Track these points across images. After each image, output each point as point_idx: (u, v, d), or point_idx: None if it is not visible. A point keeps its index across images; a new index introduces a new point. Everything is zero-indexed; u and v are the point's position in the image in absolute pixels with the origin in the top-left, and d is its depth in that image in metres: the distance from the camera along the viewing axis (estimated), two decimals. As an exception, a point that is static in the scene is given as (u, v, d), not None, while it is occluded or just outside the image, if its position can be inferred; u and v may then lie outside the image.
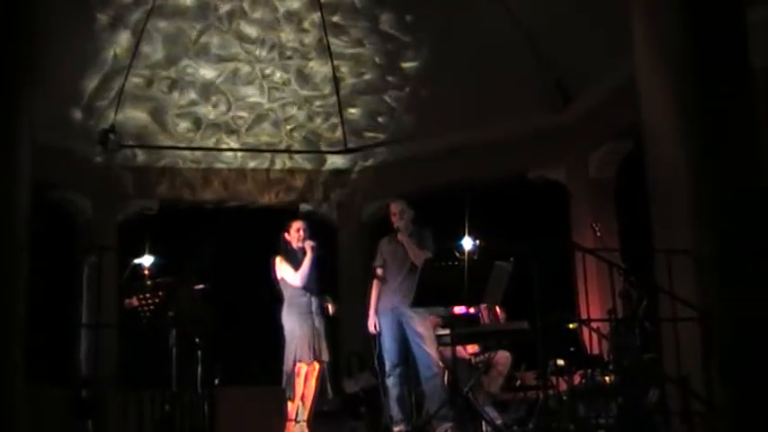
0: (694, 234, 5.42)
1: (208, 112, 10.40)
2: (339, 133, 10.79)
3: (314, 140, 10.93)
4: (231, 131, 10.61)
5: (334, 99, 10.53)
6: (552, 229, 9.53)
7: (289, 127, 10.74)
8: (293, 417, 6.61)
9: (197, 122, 10.44)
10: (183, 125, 10.42)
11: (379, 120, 10.73)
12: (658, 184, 5.90)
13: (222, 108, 10.41)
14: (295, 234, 6.95)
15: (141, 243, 7.50)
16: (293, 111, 10.62)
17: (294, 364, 6.65)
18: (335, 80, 10.37)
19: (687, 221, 5.50)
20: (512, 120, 9.75)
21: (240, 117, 10.56)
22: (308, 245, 6.82)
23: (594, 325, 5.70)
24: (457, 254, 7.52)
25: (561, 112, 9.42)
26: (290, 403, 6.64)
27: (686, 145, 5.59)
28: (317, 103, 10.60)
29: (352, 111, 10.70)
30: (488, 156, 9.97)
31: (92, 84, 9.77)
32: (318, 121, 10.75)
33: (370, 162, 11.03)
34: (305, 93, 10.50)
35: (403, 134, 10.63)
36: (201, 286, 6.25)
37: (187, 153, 10.62)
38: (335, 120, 10.72)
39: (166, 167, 10.66)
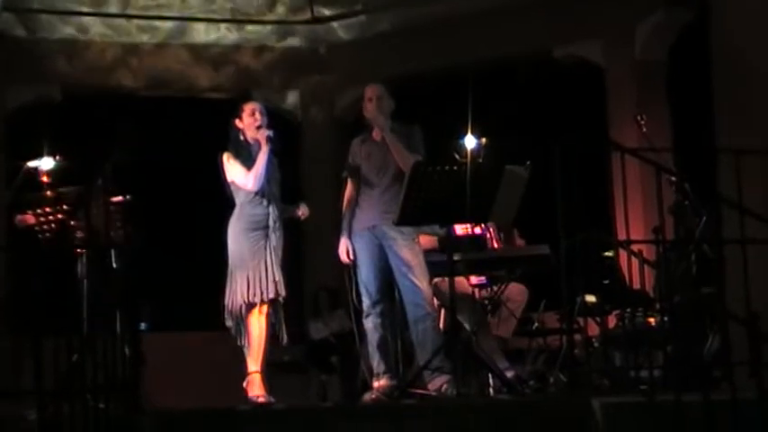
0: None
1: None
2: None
3: (271, 6, 10.80)
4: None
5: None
6: (583, 123, 9.51)
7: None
8: (256, 368, 6.61)
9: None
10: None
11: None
12: (726, 65, 5.82)
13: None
14: (249, 120, 6.77)
15: (38, 141, 7.40)
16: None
17: (249, 304, 6.59)
18: None
19: (763, 113, 5.44)
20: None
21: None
22: (262, 134, 6.69)
23: (636, 248, 5.65)
24: (456, 156, 7.47)
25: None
26: (253, 352, 6.62)
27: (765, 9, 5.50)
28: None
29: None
30: (499, 27, 9.90)
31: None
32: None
33: (345, 36, 10.95)
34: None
35: (388, -1, 10.52)
36: (121, 198, 6.19)
37: (99, 22, 10.49)
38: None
39: (71, 41, 10.53)
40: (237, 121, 6.79)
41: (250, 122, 6.75)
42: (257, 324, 6.62)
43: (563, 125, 9.01)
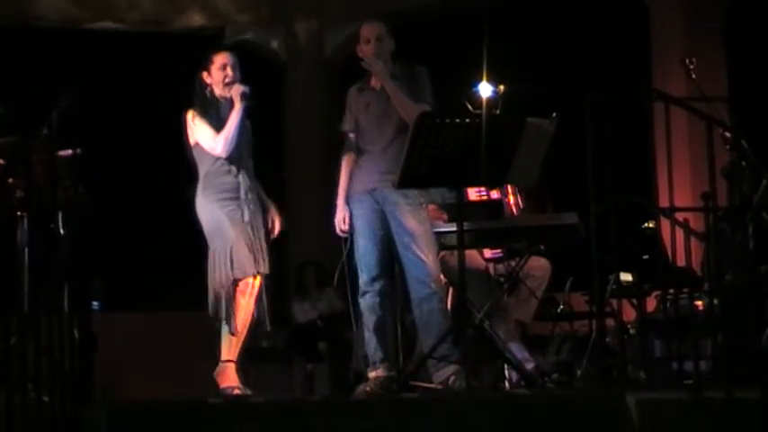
0: None
1: None
2: None
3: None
4: None
5: None
6: (621, 68, 9.52)
7: None
8: (231, 356, 6.61)
9: None
10: None
11: None
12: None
13: None
14: (219, 73, 6.80)
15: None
16: None
17: (235, 281, 6.58)
18: None
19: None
20: None
21: None
22: (236, 91, 6.69)
23: (681, 217, 5.63)
24: (469, 106, 7.46)
25: None
26: (230, 337, 6.61)
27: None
28: None
29: None
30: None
31: None
32: None
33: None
34: None
35: None
36: (70, 152, 6.15)
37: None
38: None
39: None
40: (205, 75, 6.81)
41: (218, 77, 6.77)
42: (244, 306, 6.63)
43: (597, 71, 9.02)
